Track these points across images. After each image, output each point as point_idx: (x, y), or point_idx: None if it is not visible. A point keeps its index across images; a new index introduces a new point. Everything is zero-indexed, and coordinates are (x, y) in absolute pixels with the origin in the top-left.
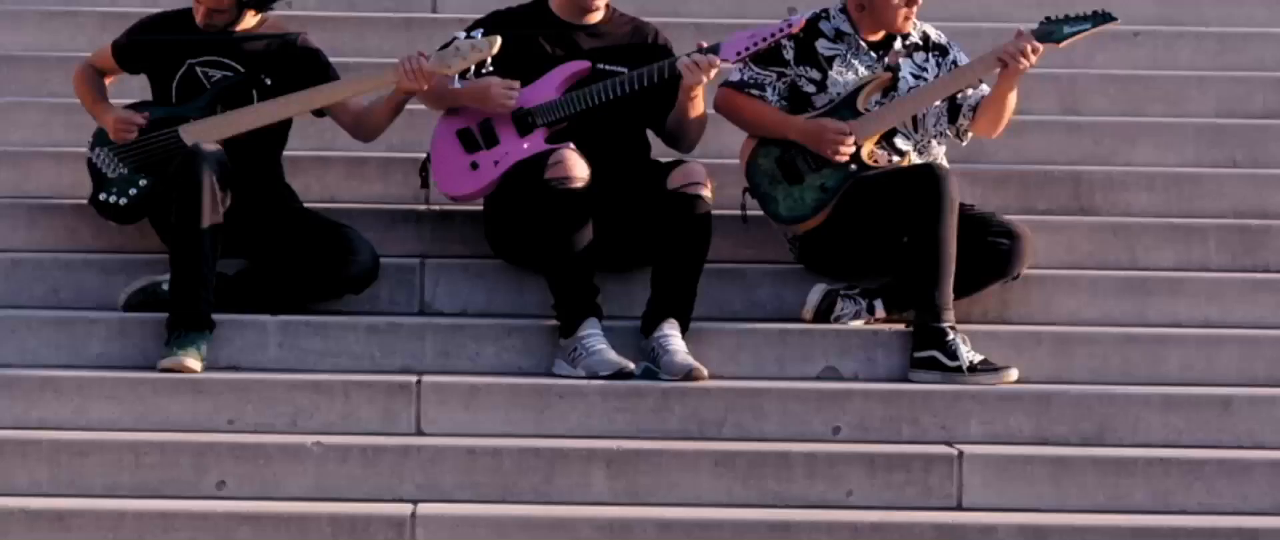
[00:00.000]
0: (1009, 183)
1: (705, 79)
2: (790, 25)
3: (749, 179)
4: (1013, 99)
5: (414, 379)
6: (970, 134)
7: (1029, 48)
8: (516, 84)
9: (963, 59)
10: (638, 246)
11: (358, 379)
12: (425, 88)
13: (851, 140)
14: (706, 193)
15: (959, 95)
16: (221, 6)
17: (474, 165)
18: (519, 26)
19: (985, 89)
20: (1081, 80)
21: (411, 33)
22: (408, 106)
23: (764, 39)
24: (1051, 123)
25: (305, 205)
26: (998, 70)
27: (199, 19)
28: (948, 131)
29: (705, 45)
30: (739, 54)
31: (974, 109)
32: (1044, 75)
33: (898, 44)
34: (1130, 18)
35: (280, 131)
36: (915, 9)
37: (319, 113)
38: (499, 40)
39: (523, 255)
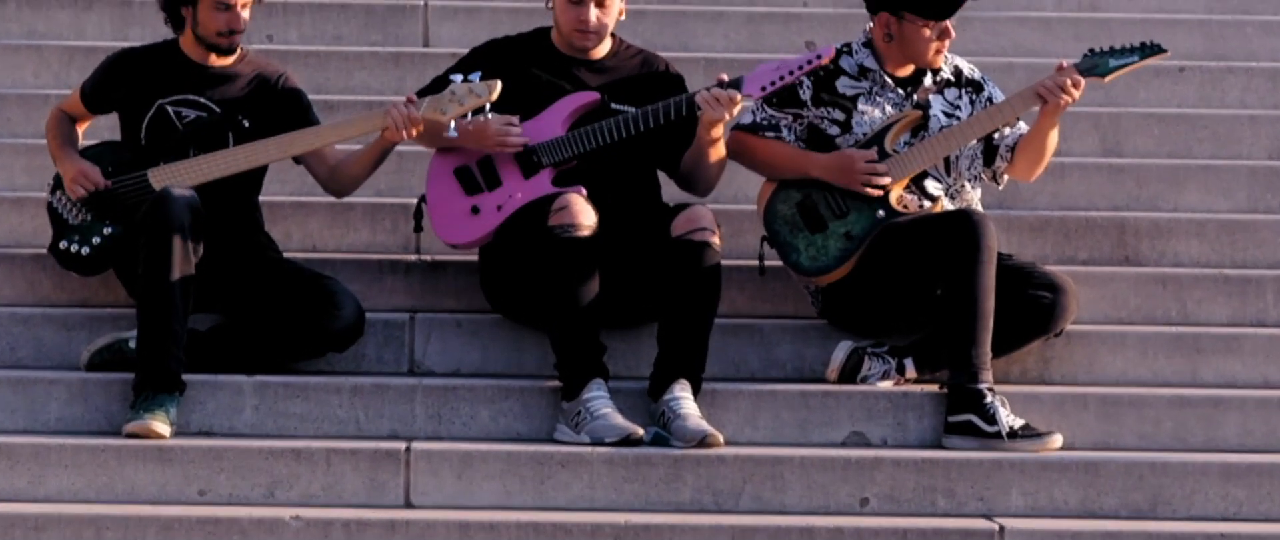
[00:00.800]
0: (1047, 230)
1: (727, 116)
2: (819, 56)
3: (767, 226)
4: (1053, 138)
5: (402, 446)
6: (1006, 177)
7: (1070, 82)
8: (515, 120)
9: (998, 95)
10: (647, 300)
11: (341, 446)
12: (415, 135)
13: (882, 169)
14: (714, 240)
15: (995, 135)
16: (237, 27)
17: (474, 209)
18: (517, 58)
19: (1023, 128)
20: (1124, 119)
21: (401, 69)
22: (398, 147)
23: (791, 72)
24: (1092, 165)
25: (284, 255)
26: (1037, 107)
27: (238, 24)
28: (983, 174)
29: (727, 78)
30: (764, 88)
31: (1011, 149)
32: (1083, 114)
33: (928, 79)
34: (1175, 52)
35: (256, 175)
36: (948, 42)
37: (296, 159)
38: (499, 85)
39: (522, 309)
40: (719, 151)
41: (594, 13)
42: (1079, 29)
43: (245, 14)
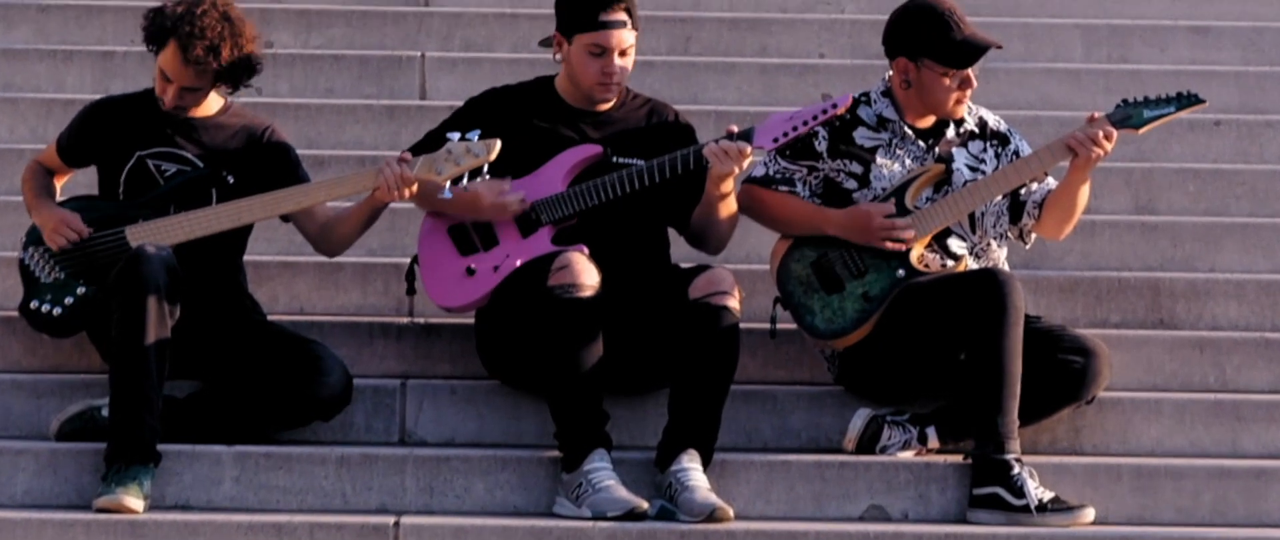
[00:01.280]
0: (1077, 291)
1: (737, 169)
2: (835, 105)
3: (780, 287)
4: (1084, 194)
5: (392, 520)
6: (1034, 235)
7: (1102, 134)
8: (507, 186)
9: (1025, 149)
10: (653, 365)
11: (326, 520)
12: (405, 198)
13: (903, 224)
14: (734, 303)
15: (1022, 191)
16: (197, 84)
17: (470, 270)
18: (517, 108)
19: (1052, 184)
20: (1157, 175)
21: (396, 123)
22: (391, 204)
23: (805, 122)
24: (1124, 223)
25: (268, 318)
26: (1066, 161)
27: (167, 100)
28: (1009, 232)
29: (736, 129)
30: (776, 140)
31: (1039, 206)
32: (1114, 170)
33: (950, 131)
34: (1209, 105)
35: (240, 233)
36: (969, 92)
37: (284, 217)
38: (498, 145)
39: (520, 375)
40: (730, 207)
41: (619, 63)
42: (1109, 80)
43: (189, 98)
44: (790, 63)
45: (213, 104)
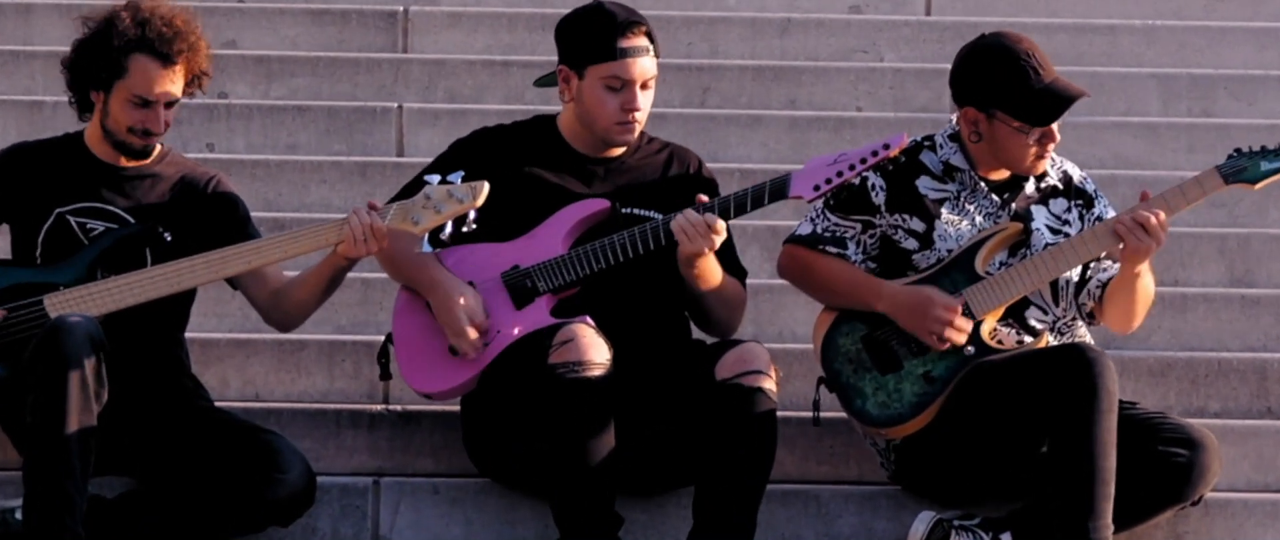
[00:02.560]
0: (1169, 374)
1: (706, 249)
2: (886, 147)
3: (825, 365)
4: (1146, 288)
5: None
6: (1097, 321)
7: (1155, 219)
8: (481, 318)
9: (1109, 214)
10: (674, 459)
11: None
12: (376, 251)
13: (963, 324)
14: (770, 385)
15: (1089, 267)
16: (181, 93)
17: (454, 350)
18: (512, 153)
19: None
20: (1254, 242)
21: (369, 182)
22: (363, 273)
23: (851, 166)
24: (1219, 296)
25: (216, 404)
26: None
27: (160, 126)
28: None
29: (705, 200)
30: (818, 187)
31: (1102, 287)
32: (1204, 236)
33: (1030, 186)
34: None
35: (181, 302)
36: (1052, 146)
37: (232, 282)
38: (485, 188)
39: (515, 471)
40: (709, 279)
41: (641, 98)
42: (1192, 137)
43: (168, 114)
44: (823, 116)
45: (141, 158)
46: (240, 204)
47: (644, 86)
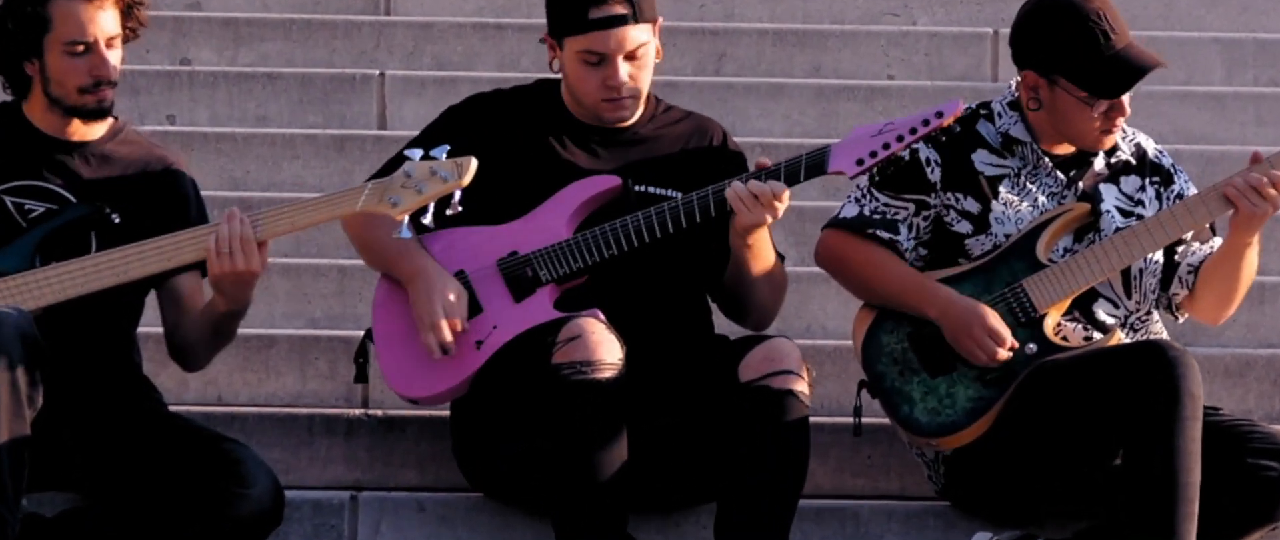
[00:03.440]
0: (1248, 374)
1: (768, 219)
2: (939, 115)
3: (867, 366)
4: (1251, 263)
5: None
6: (1186, 313)
7: (1267, 181)
8: (460, 321)
9: (1191, 192)
10: (694, 472)
11: None
12: (247, 271)
13: (1010, 346)
14: (802, 387)
15: (1177, 249)
16: (122, 28)
17: (446, 349)
18: (511, 122)
19: (1216, 244)
20: None
21: (347, 158)
22: (341, 262)
23: (900, 136)
24: None
25: (171, 409)
26: (1231, 213)
27: (111, 71)
28: (1158, 301)
29: (768, 165)
30: (861, 162)
31: (1194, 271)
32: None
33: (1099, 162)
34: None
35: (133, 293)
36: (1120, 120)
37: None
38: (473, 165)
39: (511, 485)
40: (762, 261)
41: (625, 70)
42: (1261, 107)
43: (114, 56)
44: (851, 85)
45: (97, 125)
46: (192, 185)
47: (630, 57)
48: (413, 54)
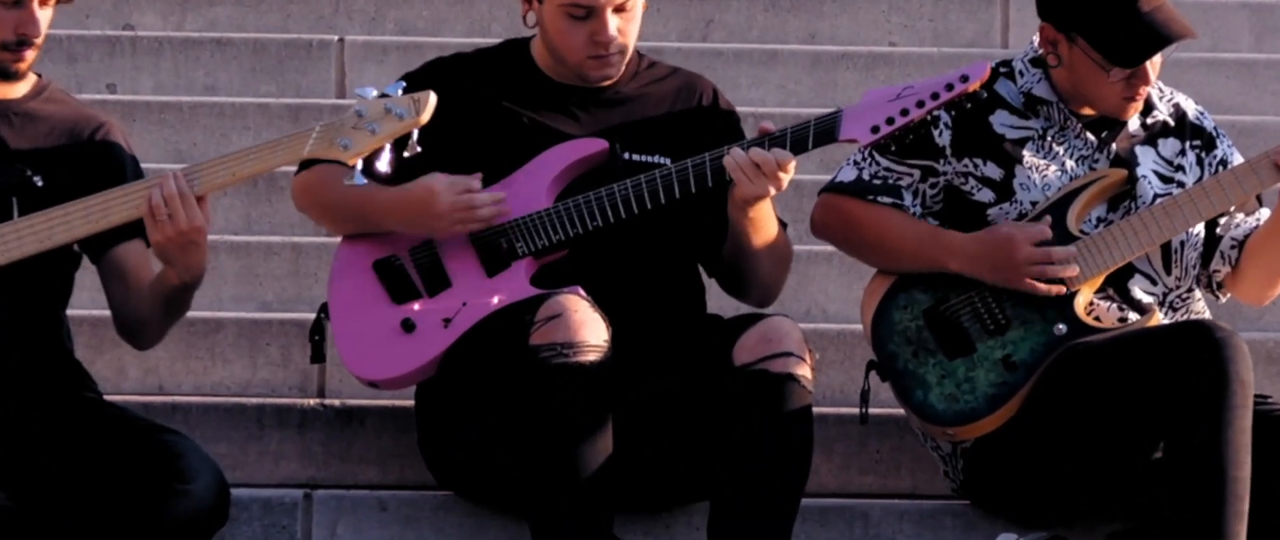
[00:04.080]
0: None
1: (771, 191)
2: (964, 79)
3: (877, 347)
4: None
5: None
6: (1227, 291)
7: None
8: (476, 184)
9: (1236, 159)
10: (684, 466)
11: None
12: (185, 234)
13: (1070, 255)
14: (804, 371)
15: (1219, 223)
16: (31, 35)
17: (407, 325)
18: (478, 84)
19: (1264, 214)
20: None
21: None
22: (296, 239)
23: (919, 103)
24: None
25: (106, 398)
26: (1276, 186)
27: (35, 30)
28: (1198, 278)
29: (773, 129)
30: (877, 129)
31: (1239, 246)
32: None
33: (1134, 123)
34: None
35: (62, 269)
36: (1145, 89)
37: (99, 265)
38: (432, 99)
39: (483, 482)
40: (764, 233)
41: (614, 24)
42: None
43: (44, 15)
44: (850, 52)
45: (19, 84)
46: (120, 150)
47: (619, 9)
48: (375, 19)
